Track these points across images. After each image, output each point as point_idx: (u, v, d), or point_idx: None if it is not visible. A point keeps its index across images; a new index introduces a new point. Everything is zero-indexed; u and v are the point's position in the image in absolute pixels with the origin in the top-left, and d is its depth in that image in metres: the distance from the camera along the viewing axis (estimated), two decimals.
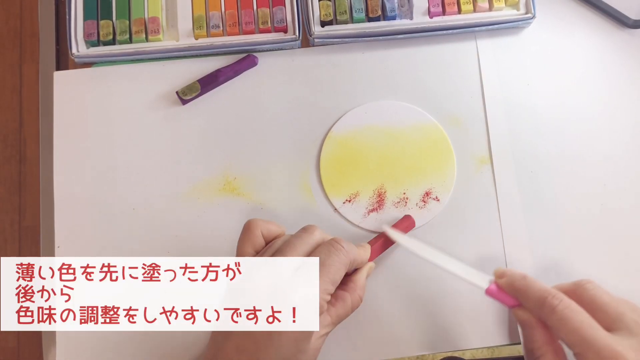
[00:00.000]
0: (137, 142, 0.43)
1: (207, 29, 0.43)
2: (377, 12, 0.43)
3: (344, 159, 0.42)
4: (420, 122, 0.43)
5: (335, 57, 0.44)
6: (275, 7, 0.43)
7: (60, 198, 0.42)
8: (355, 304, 0.35)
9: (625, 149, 0.43)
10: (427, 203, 0.41)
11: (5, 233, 1.03)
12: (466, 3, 0.43)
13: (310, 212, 0.41)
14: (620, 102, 0.44)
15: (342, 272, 0.33)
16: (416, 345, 0.39)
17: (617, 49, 0.45)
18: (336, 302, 0.34)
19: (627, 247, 0.42)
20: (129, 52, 0.43)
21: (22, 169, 1.05)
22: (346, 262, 0.33)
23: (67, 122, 0.43)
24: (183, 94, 0.43)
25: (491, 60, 0.44)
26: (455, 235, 0.41)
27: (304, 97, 0.44)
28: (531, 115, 0.43)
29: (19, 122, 1.06)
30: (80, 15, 0.43)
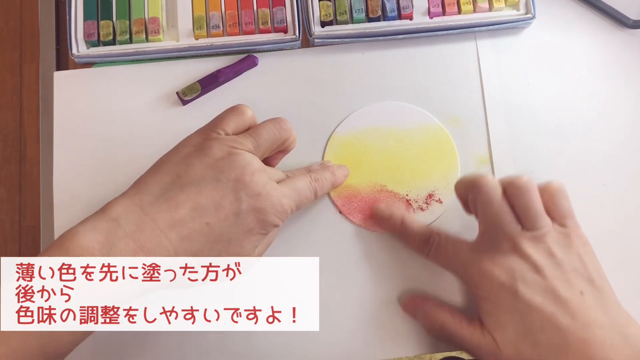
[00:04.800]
0: (138, 143, 0.43)
1: (207, 29, 0.43)
2: (377, 12, 0.43)
3: (348, 160, 0.42)
4: (425, 123, 0.43)
5: (336, 57, 0.44)
6: (275, 7, 0.43)
7: (60, 198, 0.42)
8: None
9: (625, 148, 0.43)
10: (430, 205, 0.41)
11: (5, 233, 1.03)
12: (466, 3, 0.43)
13: (313, 212, 0.41)
14: (620, 102, 0.44)
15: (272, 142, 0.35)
16: (415, 345, 0.39)
17: (617, 49, 0.45)
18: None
19: (627, 247, 0.42)
20: (129, 52, 0.43)
21: (22, 169, 1.05)
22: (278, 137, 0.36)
23: (67, 122, 0.43)
24: (183, 95, 0.43)
25: (491, 60, 0.44)
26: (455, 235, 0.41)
27: (304, 98, 0.44)
28: (531, 115, 0.43)
29: (19, 122, 1.06)
30: (80, 16, 0.43)
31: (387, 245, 0.41)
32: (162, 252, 0.30)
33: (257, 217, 0.32)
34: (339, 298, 0.40)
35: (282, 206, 0.33)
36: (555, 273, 0.33)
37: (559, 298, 0.32)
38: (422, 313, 0.37)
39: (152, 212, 0.30)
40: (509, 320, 0.33)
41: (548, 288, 0.32)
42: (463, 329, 0.34)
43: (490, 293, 0.34)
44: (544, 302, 0.32)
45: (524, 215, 0.34)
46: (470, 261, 0.35)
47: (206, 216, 0.31)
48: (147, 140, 0.43)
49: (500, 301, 0.33)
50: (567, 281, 0.33)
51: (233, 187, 0.31)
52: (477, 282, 0.34)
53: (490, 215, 0.34)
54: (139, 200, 0.31)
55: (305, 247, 0.41)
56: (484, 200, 0.34)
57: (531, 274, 0.33)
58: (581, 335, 0.31)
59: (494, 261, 0.34)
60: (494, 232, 0.34)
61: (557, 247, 0.33)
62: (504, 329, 0.33)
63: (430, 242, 0.37)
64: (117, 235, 0.29)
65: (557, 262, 0.33)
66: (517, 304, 0.33)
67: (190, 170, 0.32)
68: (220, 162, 0.32)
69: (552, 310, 0.32)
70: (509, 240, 0.34)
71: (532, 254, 0.33)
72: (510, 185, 0.34)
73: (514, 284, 0.33)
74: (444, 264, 0.37)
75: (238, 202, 0.31)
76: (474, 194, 0.35)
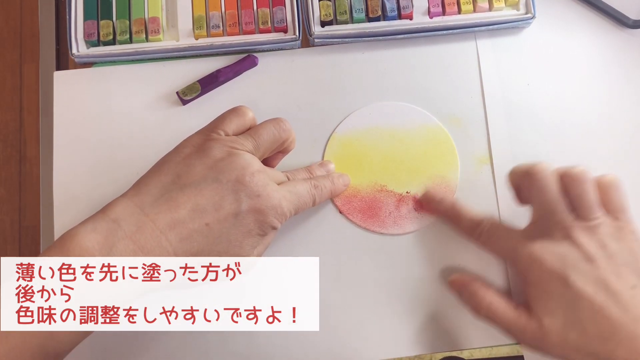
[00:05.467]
0: (138, 143, 0.43)
1: (207, 29, 0.43)
2: (377, 12, 0.43)
3: (348, 160, 0.42)
4: (425, 124, 0.43)
5: (336, 57, 0.44)
6: (275, 7, 0.43)
7: (60, 198, 0.42)
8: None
9: (625, 148, 0.43)
10: None
11: (5, 233, 1.03)
12: (466, 3, 0.43)
13: (313, 212, 0.41)
14: (620, 102, 0.44)
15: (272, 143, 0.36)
16: (415, 345, 0.39)
17: (617, 49, 0.45)
18: None
19: None
20: (129, 52, 0.43)
21: (22, 169, 1.05)
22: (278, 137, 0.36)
23: (67, 122, 0.43)
24: (183, 94, 0.43)
25: (491, 60, 0.44)
26: (456, 236, 0.41)
27: (304, 98, 0.44)
28: (531, 115, 0.43)
29: (19, 122, 1.06)
30: (80, 16, 0.43)
31: (387, 245, 0.41)
32: (161, 253, 0.30)
33: (256, 218, 0.32)
34: (339, 298, 0.40)
35: (281, 208, 0.33)
36: (608, 264, 0.33)
37: (610, 289, 0.32)
38: (469, 292, 0.36)
39: (152, 213, 0.30)
40: (558, 308, 0.33)
41: (599, 279, 0.32)
42: (510, 312, 0.34)
43: (541, 279, 0.33)
44: (595, 292, 0.32)
45: (579, 205, 0.34)
46: (521, 246, 0.35)
47: (206, 217, 0.31)
48: (147, 140, 0.43)
49: (550, 288, 0.33)
50: (618, 274, 0.33)
51: (233, 188, 0.31)
52: (527, 267, 0.34)
53: (544, 202, 0.34)
54: (139, 200, 0.31)
55: (305, 247, 0.41)
56: (539, 187, 0.35)
57: (583, 263, 0.33)
58: (632, 328, 0.31)
59: (546, 247, 0.34)
60: (547, 219, 0.34)
61: (609, 239, 0.33)
62: (552, 316, 0.33)
63: (481, 226, 0.37)
64: (117, 236, 0.29)
65: (610, 254, 0.33)
66: (567, 291, 0.32)
67: (190, 170, 0.32)
68: (220, 162, 0.32)
69: (603, 301, 0.32)
70: (562, 229, 0.34)
71: (584, 244, 0.33)
72: (566, 175, 0.35)
73: (566, 271, 0.33)
74: (493, 249, 0.37)
75: (238, 203, 0.31)
76: (529, 181, 0.35)
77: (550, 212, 0.34)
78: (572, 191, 0.34)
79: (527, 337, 0.33)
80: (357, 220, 0.41)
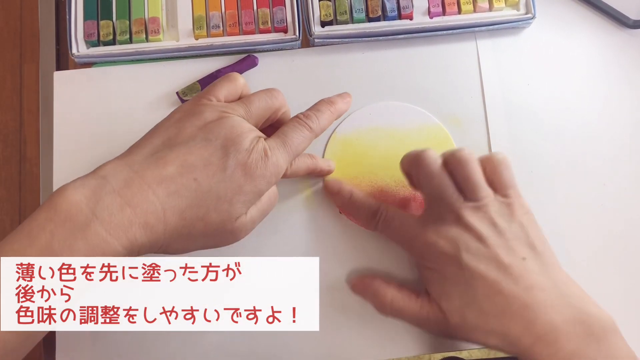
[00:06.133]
0: None
1: (207, 29, 0.43)
2: (377, 12, 0.43)
3: (348, 160, 0.42)
4: (425, 123, 0.43)
5: (336, 57, 0.44)
6: (275, 7, 0.43)
7: None
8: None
9: (625, 148, 0.43)
10: None
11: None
12: (466, 3, 0.43)
13: (313, 212, 0.41)
14: (620, 102, 0.44)
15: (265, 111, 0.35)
16: (415, 345, 0.39)
17: (617, 49, 0.45)
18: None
19: (627, 247, 0.42)
20: (129, 52, 0.43)
21: (22, 169, 1.05)
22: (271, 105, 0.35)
23: (67, 122, 0.43)
24: (183, 95, 0.43)
25: (491, 60, 0.44)
26: None
27: (304, 98, 0.43)
28: (531, 115, 0.43)
29: (19, 122, 1.06)
30: (80, 16, 0.43)
31: (387, 245, 0.41)
32: (149, 208, 0.29)
33: (246, 172, 0.32)
34: (339, 298, 0.40)
35: (269, 158, 0.32)
36: (498, 241, 0.34)
37: (501, 264, 0.33)
38: (371, 292, 0.37)
39: (140, 170, 0.30)
40: (455, 289, 0.33)
41: (491, 256, 0.33)
42: (412, 303, 0.35)
43: (436, 263, 0.34)
44: (487, 269, 0.33)
45: (465, 186, 0.35)
46: (415, 234, 0.36)
47: (194, 172, 0.31)
48: None
49: (445, 271, 0.34)
50: (509, 248, 0.33)
51: (222, 145, 0.31)
52: (422, 254, 0.35)
53: (432, 187, 0.35)
54: (129, 160, 0.31)
55: (305, 247, 0.41)
56: (425, 173, 0.35)
57: (474, 243, 0.34)
58: (524, 299, 0.32)
59: (438, 233, 0.34)
60: (437, 204, 0.35)
61: (498, 217, 0.34)
62: (449, 298, 0.34)
63: (377, 216, 0.38)
64: (104, 190, 0.29)
65: (499, 231, 0.34)
66: (461, 272, 0.33)
67: (180, 132, 0.32)
68: (211, 124, 0.32)
69: (495, 277, 0.33)
70: (452, 212, 0.35)
71: (474, 224, 0.34)
72: (451, 158, 0.35)
73: (458, 253, 0.33)
74: (391, 237, 0.38)
75: (226, 158, 0.31)
76: (416, 168, 0.36)
77: (439, 196, 0.35)
78: (458, 174, 0.35)
79: (432, 324, 0.34)
80: (357, 221, 0.41)
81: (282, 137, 0.34)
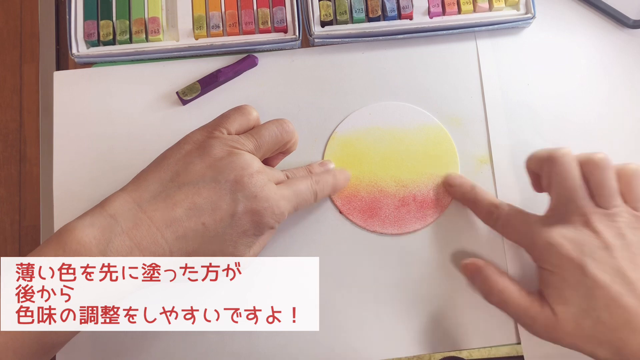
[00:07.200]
0: (137, 143, 0.43)
1: (207, 29, 0.43)
2: (377, 12, 0.43)
3: (348, 160, 0.42)
4: (425, 124, 0.43)
5: (335, 57, 0.44)
6: (275, 7, 0.43)
7: (60, 198, 0.42)
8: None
9: (626, 148, 0.43)
10: None
11: (5, 233, 1.03)
12: (466, 3, 0.43)
13: (313, 212, 0.41)
14: (620, 102, 0.44)
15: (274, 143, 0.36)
16: (415, 345, 0.39)
17: (617, 49, 0.45)
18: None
19: None
20: (129, 52, 0.43)
21: (22, 169, 1.05)
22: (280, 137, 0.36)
23: (67, 122, 0.43)
24: (183, 94, 0.43)
25: (491, 60, 0.44)
26: (456, 236, 0.41)
27: (304, 98, 0.44)
28: (531, 115, 0.43)
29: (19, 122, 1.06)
30: (80, 15, 0.43)
31: (387, 245, 0.41)
32: (157, 250, 0.30)
33: (253, 219, 0.32)
34: (339, 298, 0.40)
35: (278, 208, 0.33)
36: (625, 254, 0.33)
37: (626, 278, 0.32)
38: (483, 276, 0.36)
39: (149, 210, 0.30)
40: (574, 295, 0.32)
41: (616, 267, 0.32)
42: (522, 298, 0.34)
43: (557, 266, 0.33)
44: (611, 280, 0.32)
45: (599, 192, 0.34)
46: (538, 232, 0.34)
47: (202, 216, 0.31)
48: (147, 141, 0.43)
49: (566, 275, 0.33)
50: (635, 263, 0.32)
51: (231, 188, 0.32)
52: (543, 254, 0.34)
53: (565, 188, 0.34)
54: (137, 196, 0.31)
55: (305, 247, 0.41)
56: (560, 173, 0.34)
57: (601, 251, 0.33)
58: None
59: (564, 234, 0.33)
60: (566, 206, 0.34)
61: (627, 228, 0.33)
62: (566, 303, 0.32)
63: (498, 211, 0.37)
64: (114, 232, 0.29)
65: (627, 244, 0.33)
66: (583, 279, 0.32)
67: (189, 168, 0.32)
68: (220, 162, 0.32)
69: (619, 290, 0.32)
70: (581, 215, 0.34)
71: (603, 232, 0.33)
72: (588, 162, 0.34)
73: (583, 258, 0.32)
74: (510, 234, 0.37)
75: (234, 204, 0.31)
76: (549, 166, 0.35)
77: (570, 198, 0.34)
78: (593, 178, 0.34)
79: (539, 324, 0.33)
80: (357, 220, 0.41)
81: (294, 191, 0.35)
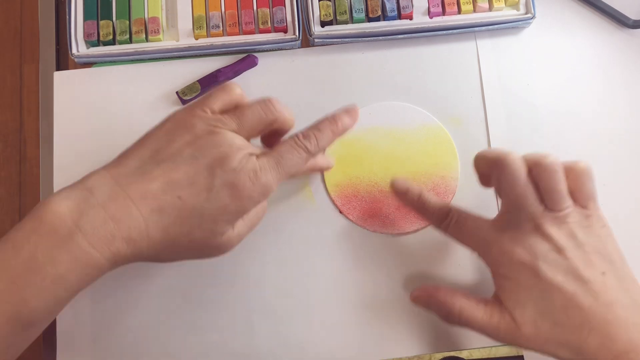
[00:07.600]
0: None
1: (207, 29, 0.43)
2: (377, 12, 0.43)
3: (348, 160, 0.42)
4: (425, 124, 0.43)
5: (335, 57, 0.44)
6: (275, 7, 0.43)
7: None
8: None
9: (625, 148, 0.43)
10: None
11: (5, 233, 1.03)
12: (466, 3, 0.43)
13: (313, 212, 0.41)
14: (620, 102, 0.44)
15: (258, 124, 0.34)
16: (415, 345, 0.39)
17: (617, 49, 0.45)
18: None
19: (626, 247, 0.41)
20: (129, 52, 0.43)
21: (22, 169, 1.05)
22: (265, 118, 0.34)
23: (67, 122, 0.43)
24: (183, 94, 0.43)
25: (491, 60, 0.44)
26: None
27: (304, 97, 0.44)
28: (531, 115, 0.43)
29: (19, 122, 1.06)
30: (80, 15, 0.43)
31: (387, 245, 0.41)
32: (132, 222, 0.29)
33: (232, 193, 0.31)
34: (339, 298, 0.40)
35: (258, 179, 0.32)
36: (577, 254, 0.33)
37: (580, 278, 0.32)
38: (437, 302, 0.36)
39: (125, 184, 0.30)
40: (530, 299, 0.33)
41: (570, 268, 0.32)
42: (481, 311, 0.34)
43: (511, 271, 0.33)
44: (565, 281, 0.32)
45: (548, 196, 0.34)
46: (491, 239, 0.35)
47: (179, 190, 0.30)
48: None
49: (521, 280, 0.33)
50: (588, 262, 0.33)
51: (209, 164, 0.31)
52: (497, 260, 0.34)
53: (514, 195, 0.34)
54: (116, 172, 0.31)
55: (306, 247, 0.41)
56: (509, 180, 0.34)
57: (553, 254, 0.33)
58: (603, 314, 0.31)
59: (516, 240, 0.34)
60: (516, 212, 0.34)
61: (578, 229, 0.33)
62: (524, 308, 0.33)
63: (449, 217, 0.37)
64: (88, 204, 0.29)
65: (579, 243, 0.33)
66: (538, 282, 0.33)
67: (169, 145, 0.32)
68: (200, 140, 0.32)
69: (574, 290, 0.32)
70: (531, 221, 0.34)
71: (554, 235, 0.33)
72: (537, 166, 0.34)
73: (536, 263, 0.33)
74: (462, 240, 0.37)
75: (212, 177, 0.31)
76: (498, 171, 0.35)
77: (520, 204, 0.34)
78: (542, 183, 0.34)
79: (502, 333, 0.33)
80: (357, 220, 0.41)
81: (276, 157, 0.33)
